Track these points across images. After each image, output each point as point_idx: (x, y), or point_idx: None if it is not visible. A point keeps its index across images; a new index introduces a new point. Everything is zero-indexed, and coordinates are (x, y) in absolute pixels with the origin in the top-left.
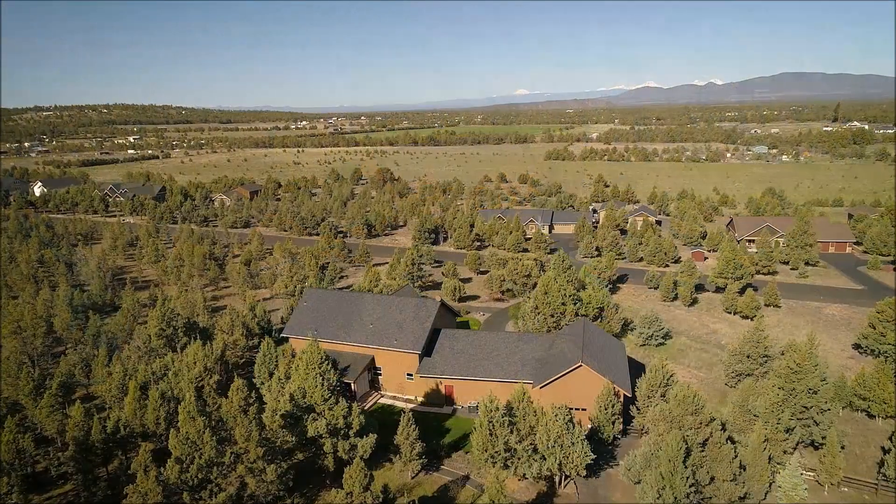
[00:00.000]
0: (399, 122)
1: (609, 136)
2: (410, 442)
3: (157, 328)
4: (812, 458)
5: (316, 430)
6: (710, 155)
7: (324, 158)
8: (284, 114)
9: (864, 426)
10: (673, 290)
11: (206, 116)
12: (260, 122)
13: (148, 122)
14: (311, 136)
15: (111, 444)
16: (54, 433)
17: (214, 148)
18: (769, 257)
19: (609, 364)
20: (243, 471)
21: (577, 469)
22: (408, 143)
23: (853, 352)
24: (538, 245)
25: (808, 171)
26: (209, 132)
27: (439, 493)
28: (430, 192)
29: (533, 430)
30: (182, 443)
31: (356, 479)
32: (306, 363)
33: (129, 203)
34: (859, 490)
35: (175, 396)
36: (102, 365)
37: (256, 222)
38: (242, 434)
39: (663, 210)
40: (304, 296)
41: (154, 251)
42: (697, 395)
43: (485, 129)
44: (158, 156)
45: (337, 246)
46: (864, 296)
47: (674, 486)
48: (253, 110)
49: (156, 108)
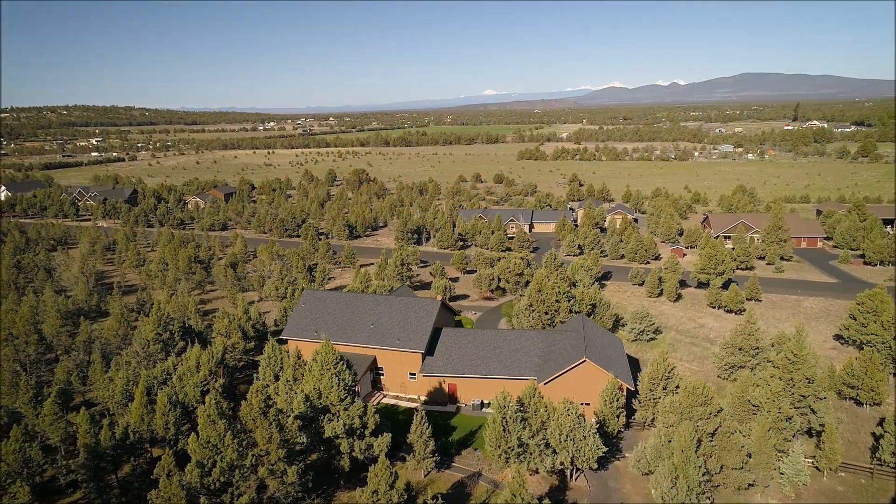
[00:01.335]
0: (368, 123)
1: (579, 136)
2: (424, 440)
3: (154, 333)
4: (808, 446)
5: (333, 430)
6: (678, 154)
7: (295, 160)
8: (251, 115)
9: (854, 413)
10: (658, 286)
11: (170, 118)
12: (226, 124)
13: (110, 124)
14: (280, 138)
15: (120, 451)
16: (58, 441)
17: (182, 150)
18: (747, 253)
19: (610, 359)
20: (265, 473)
21: (588, 462)
22: (379, 143)
23: (835, 342)
24: (521, 244)
25: (773, 168)
26: (175, 134)
27: (453, 489)
28: (408, 192)
29: (544, 425)
30: (203, 446)
31: (381, 478)
32: (320, 364)
33: (101, 207)
34: (855, 475)
35: (180, 401)
36: (101, 371)
37: (234, 225)
38: (264, 436)
39: (639, 208)
40: (302, 297)
41: (135, 255)
42: (706, 386)
43: (456, 130)
44: (124, 158)
45: (322, 247)
46: (837, 289)
47: (687, 476)
48: (218, 111)
49: (118, 109)
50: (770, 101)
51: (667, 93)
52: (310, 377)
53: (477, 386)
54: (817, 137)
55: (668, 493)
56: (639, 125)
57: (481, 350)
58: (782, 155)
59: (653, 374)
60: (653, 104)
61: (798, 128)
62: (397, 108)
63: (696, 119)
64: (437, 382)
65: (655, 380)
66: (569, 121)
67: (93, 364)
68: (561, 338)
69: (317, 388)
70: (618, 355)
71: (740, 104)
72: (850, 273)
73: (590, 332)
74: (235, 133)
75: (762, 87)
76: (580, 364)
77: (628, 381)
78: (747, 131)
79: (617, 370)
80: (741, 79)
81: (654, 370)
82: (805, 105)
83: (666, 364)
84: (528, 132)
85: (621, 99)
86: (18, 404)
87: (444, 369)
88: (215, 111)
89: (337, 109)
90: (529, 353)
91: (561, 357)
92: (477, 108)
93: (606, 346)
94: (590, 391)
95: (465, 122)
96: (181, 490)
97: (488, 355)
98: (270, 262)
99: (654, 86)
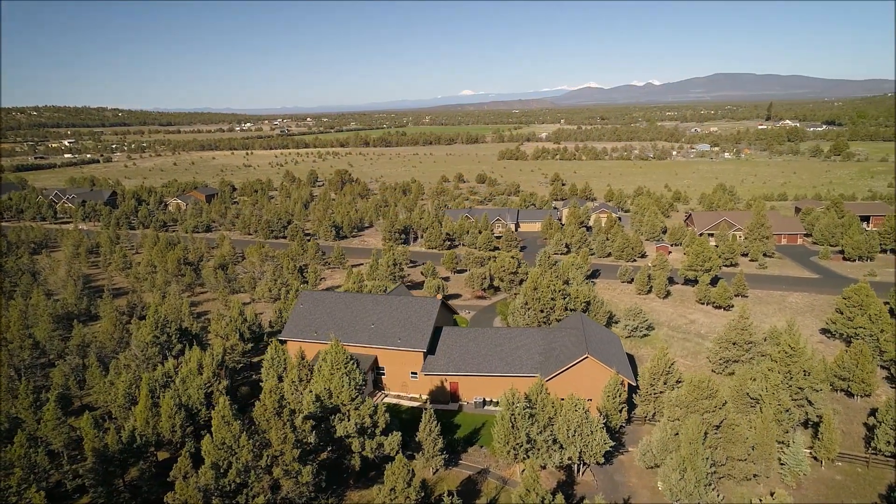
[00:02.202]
0: (346, 124)
1: (558, 136)
2: (433, 438)
3: (151, 335)
4: (804, 437)
5: (345, 429)
6: (657, 153)
7: (275, 160)
8: (227, 115)
9: (845, 404)
10: (648, 283)
11: (144, 119)
12: (202, 125)
13: (82, 125)
14: (258, 138)
15: (126, 455)
16: (61, 447)
17: (158, 151)
18: (731, 250)
19: (610, 355)
20: (280, 473)
21: (596, 457)
22: (359, 144)
23: (822, 336)
24: (509, 243)
25: (749, 167)
26: (149, 135)
27: (463, 486)
28: (391, 193)
29: (551, 421)
30: (218, 448)
31: (399, 475)
32: (331, 364)
33: (80, 209)
34: (852, 464)
35: (184, 404)
36: (100, 375)
37: (218, 226)
38: (279, 437)
39: (622, 207)
40: (300, 298)
41: (122, 258)
42: (710, 379)
43: (435, 130)
44: (99, 160)
45: (311, 248)
46: (820, 284)
47: (695, 468)
48: (193, 112)
49: (90, 110)
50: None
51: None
52: (319, 377)
53: (479, 384)
54: (791, 136)
55: (676, 486)
56: (616, 125)
57: (482, 348)
58: (758, 154)
59: (653, 370)
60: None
61: (772, 127)
62: (375, 109)
63: (671, 119)
64: (439, 381)
65: (656, 375)
66: (547, 121)
67: (90, 368)
68: (561, 335)
69: (327, 387)
70: (617, 351)
71: (714, 104)
72: (830, 269)
73: (589, 329)
74: (212, 134)
75: (735, 87)
76: (582, 360)
77: (629, 377)
78: (723, 131)
79: (618, 366)
80: (714, 79)
81: (655, 365)
82: (777, 105)
83: (666, 359)
84: (507, 132)
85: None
86: (18, 410)
87: (445, 368)
88: (191, 112)
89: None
90: (530, 351)
91: (562, 354)
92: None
93: (605, 342)
94: (591, 387)
95: (443, 123)
96: (198, 492)
97: (489, 353)
98: (261, 263)
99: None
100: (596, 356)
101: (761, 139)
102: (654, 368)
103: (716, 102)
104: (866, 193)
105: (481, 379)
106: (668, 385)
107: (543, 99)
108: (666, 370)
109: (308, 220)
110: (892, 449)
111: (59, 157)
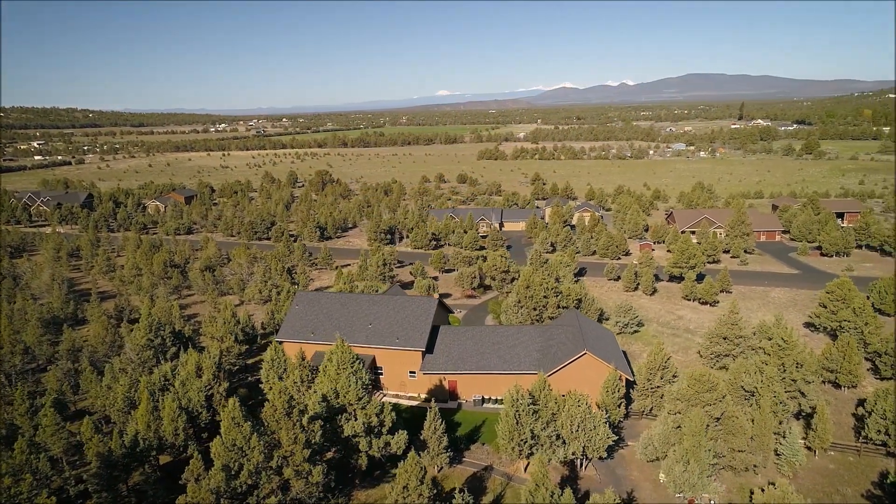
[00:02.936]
0: (323, 124)
1: (536, 136)
2: (438, 436)
3: (146, 339)
4: (797, 428)
5: (353, 429)
6: (634, 153)
7: (252, 161)
8: (201, 116)
9: (833, 396)
10: (635, 280)
11: (115, 119)
12: (176, 125)
13: (52, 127)
14: (233, 139)
15: (129, 459)
16: (60, 453)
17: (132, 152)
18: (713, 247)
19: (607, 351)
20: (291, 474)
21: (599, 451)
22: (337, 144)
23: (806, 330)
24: (494, 242)
25: (724, 166)
26: (122, 136)
27: (468, 483)
28: (373, 193)
29: (554, 417)
30: (228, 449)
31: (412, 473)
32: (337, 364)
33: (56, 212)
34: (843, 453)
35: (184, 407)
36: (95, 379)
37: (200, 228)
38: (289, 437)
39: (603, 206)
40: (295, 299)
41: (105, 261)
42: (710, 373)
43: (414, 130)
44: (71, 161)
45: (298, 249)
46: (800, 279)
47: (699, 459)
48: (166, 112)
49: (59, 111)
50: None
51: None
52: (324, 377)
53: (477, 382)
54: (763, 136)
55: (680, 477)
56: (593, 125)
57: (480, 346)
58: (732, 153)
59: (650, 364)
60: (604, 104)
61: (745, 126)
62: (351, 109)
63: (646, 119)
64: (438, 380)
65: (653, 369)
66: (524, 121)
67: (83, 372)
68: (558, 332)
69: (333, 387)
70: (613, 347)
71: (687, 104)
72: (809, 264)
73: (585, 325)
74: (186, 135)
75: (707, 87)
76: (581, 357)
77: (626, 372)
78: (697, 130)
79: (615, 362)
80: (687, 79)
81: (652, 360)
82: (749, 104)
83: (662, 354)
84: (485, 132)
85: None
86: (14, 416)
87: (444, 366)
88: (163, 112)
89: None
90: (528, 348)
91: (560, 351)
92: (431, 109)
93: (601, 338)
94: (589, 383)
95: (421, 123)
96: (210, 494)
97: (487, 351)
98: (250, 264)
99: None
100: (594, 352)
101: (735, 138)
102: (650, 363)
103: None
104: (839, 191)
105: (480, 377)
106: (664, 380)
107: (519, 99)
108: (662, 365)
109: (291, 222)
110: (883, 438)
111: (29, 160)
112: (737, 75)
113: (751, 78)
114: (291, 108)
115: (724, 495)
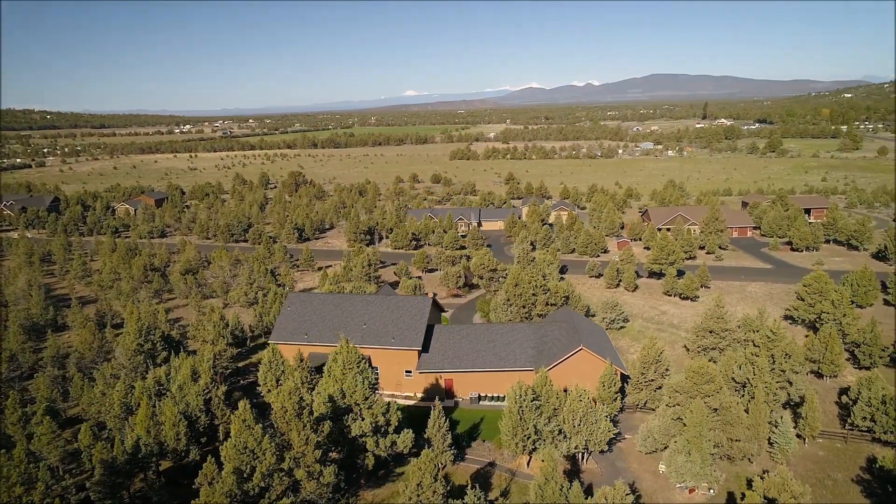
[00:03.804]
0: (291, 125)
1: (507, 136)
2: (442, 434)
3: (136, 343)
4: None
5: (360, 429)
6: (604, 152)
7: (221, 163)
8: (164, 117)
9: (815, 385)
10: (616, 277)
11: (75, 121)
12: (139, 127)
13: (8, 128)
14: (200, 141)
15: (131, 465)
16: (56, 461)
17: (94, 155)
18: (689, 243)
19: (601, 346)
20: (302, 475)
21: (600, 445)
22: (307, 145)
23: (784, 322)
24: (474, 242)
25: (692, 164)
26: (82, 138)
27: (473, 479)
28: (348, 194)
29: (555, 412)
30: (240, 452)
31: (426, 470)
32: (342, 364)
33: (22, 216)
34: (831, 440)
35: (182, 411)
36: (87, 386)
37: (174, 231)
38: (300, 438)
39: (577, 204)
40: (287, 300)
41: (81, 266)
42: (708, 365)
43: (384, 131)
44: (31, 164)
45: (279, 251)
46: (773, 273)
47: (700, 449)
48: (127, 114)
49: (15, 112)
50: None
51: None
52: (330, 378)
53: (473, 380)
54: (728, 135)
55: (682, 467)
56: (561, 125)
57: (476, 344)
58: (698, 151)
59: (644, 359)
60: (570, 104)
61: (709, 126)
62: (319, 110)
63: (613, 118)
64: (434, 378)
65: (647, 363)
66: (493, 121)
67: (72, 379)
68: (552, 329)
69: (339, 388)
70: (606, 343)
71: (651, 104)
72: (781, 259)
73: (578, 322)
74: (150, 136)
75: (670, 87)
76: (577, 352)
77: (621, 367)
78: (663, 129)
79: (610, 357)
80: (651, 79)
81: (646, 355)
82: (712, 104)
83: (656, 349)
84: (455, 132)
85: (540, 99)
86: (6, 425)
87: (440, 365)
88: (125, 114)
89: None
90: (523, 345)
91: (555, 347)
92: (400, 109)
93: (595, 334)
94: (585, 378)
95: (390, 123)
96: (225, 498)
97: (483, 349)
98: (232, 267)
99: (570, 86)
100: (589, 348)
101: (701, 137)
102: (644, 358)
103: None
104: (803, 187)
105: (476, 375)
106: (657, 373)
107: (487, 99)
108: (656, 359)
109: (268, 223)
110: (868, 424)
111: None
112: (699, 75)
113: (713, 78)
114: (258, 109)
115: (722, 484)
